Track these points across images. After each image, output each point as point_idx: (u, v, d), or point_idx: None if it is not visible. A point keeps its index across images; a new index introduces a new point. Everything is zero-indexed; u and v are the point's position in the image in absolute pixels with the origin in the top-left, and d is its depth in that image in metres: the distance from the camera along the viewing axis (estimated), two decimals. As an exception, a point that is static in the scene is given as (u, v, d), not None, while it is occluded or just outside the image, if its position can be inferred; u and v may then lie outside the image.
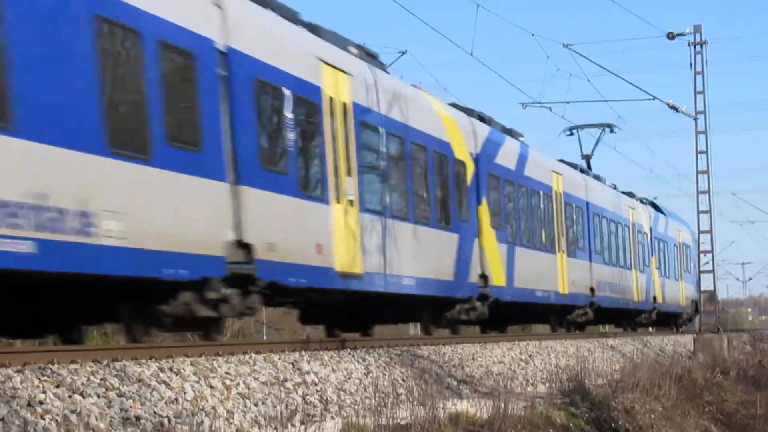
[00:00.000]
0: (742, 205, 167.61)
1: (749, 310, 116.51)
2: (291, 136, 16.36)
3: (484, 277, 24.21)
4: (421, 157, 21.44)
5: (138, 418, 10.19)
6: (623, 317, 39.47)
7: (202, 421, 10.82)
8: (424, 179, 21.59)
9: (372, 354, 16.47)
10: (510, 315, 28.82)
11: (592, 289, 32.61)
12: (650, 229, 41.27)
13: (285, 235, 15.94)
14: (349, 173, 18.08)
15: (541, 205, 28.71)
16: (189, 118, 13.90)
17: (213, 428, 10.82)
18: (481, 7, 56.16)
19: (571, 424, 16.10)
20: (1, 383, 9.48)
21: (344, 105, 18.17)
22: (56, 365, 10.54)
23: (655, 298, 41.11)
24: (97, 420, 9.72)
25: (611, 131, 40.23)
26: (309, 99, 16.95)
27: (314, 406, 13.07)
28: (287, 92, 16.24)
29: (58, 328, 15.33)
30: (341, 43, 19.22)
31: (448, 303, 22.90)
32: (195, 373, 11.85)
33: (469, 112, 25.24)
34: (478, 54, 58.61)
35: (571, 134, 39.90)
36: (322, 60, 17.54)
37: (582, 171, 35.54)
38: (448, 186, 22.68)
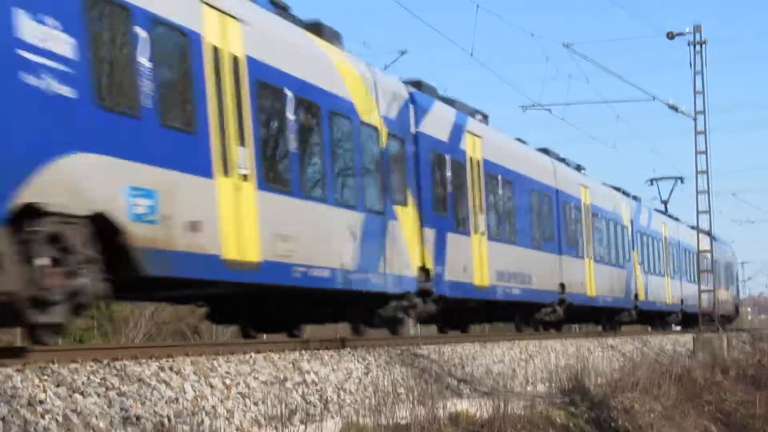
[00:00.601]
0: (742, 205, 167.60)
1: (749, 309, 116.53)
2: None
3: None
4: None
5: (138, 417, 10.19)
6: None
7: (202, 421, 10.84)
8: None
9: (372, 353, 16.47)
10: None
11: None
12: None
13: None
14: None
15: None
16: None
17: (213, 428, 10.83)
18: (481, 7, 56.13)
19: (570, 424, 16.11)
20: (1, 383, 9.49)
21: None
22: (56, 365, 10.54)
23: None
24: (97, 419, 9.73)
25: (682, 182, 47.40)
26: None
27: (314, 406, 13.08)
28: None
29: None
30: None
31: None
32: (195, 373, 11.86)
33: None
34: (478, 55, 58.68)
35: (651, 184, 47.86)
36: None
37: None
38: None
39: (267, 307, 18.77)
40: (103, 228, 11.97)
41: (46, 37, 11.16)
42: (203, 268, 13.87)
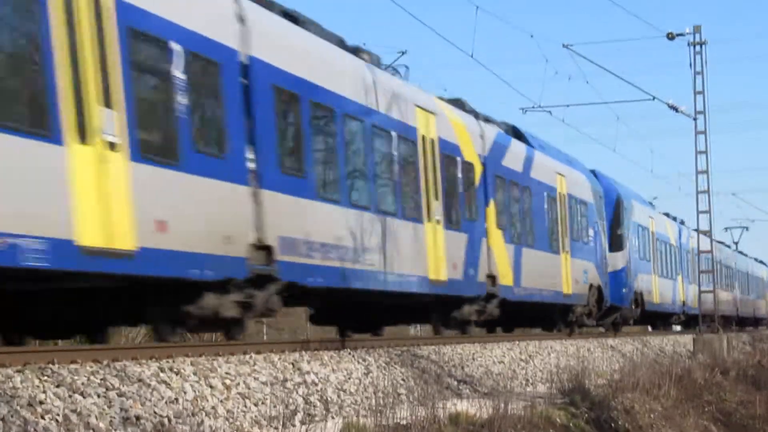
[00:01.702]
0: (742, 205, 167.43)
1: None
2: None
3: None
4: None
5: (138, 418, 10.19)
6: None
7: (202, 421, 10.83)
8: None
9: (372, 354, 16.47)
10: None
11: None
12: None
13: None
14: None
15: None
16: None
17: (213, 428, 10.83)
18: (481, 8, 56.10)
19: (571, 424, 16.10)
20: (1, 383, 9.49)
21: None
22: (56, 365, 10.54)
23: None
24: (97, 420, 9.72)
25: (747, 230, 44.99)
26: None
27: (314, 406, 13.08)
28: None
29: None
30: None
31: None
32: (195, 373, 11.86)
33: None
34: (478, 56, 58.70)
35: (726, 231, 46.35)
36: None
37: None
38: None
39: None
40: None
41: None
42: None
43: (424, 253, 20.88)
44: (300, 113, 16.85)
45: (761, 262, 69.34)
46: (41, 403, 9.45)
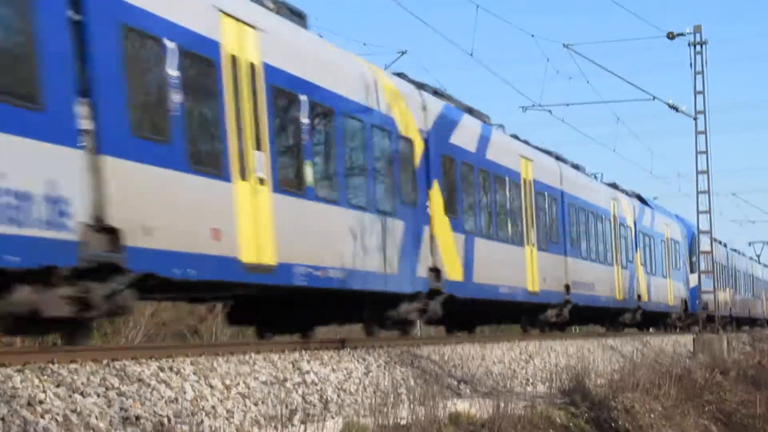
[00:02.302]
0: (742, 205, 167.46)
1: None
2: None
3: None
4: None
5: (138, 417, 10.19)
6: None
7: (202, 421, 10.83)
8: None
9: (372, 354, 16.47)
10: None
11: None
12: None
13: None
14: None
15: None
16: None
17: (213, 428, 10.83)
18: (481, 7, 56.07)
19: (571, 424, 16.10)
20: (1, 383, 9.49)
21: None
22: (56, 365, 10.54)
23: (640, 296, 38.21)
24: (97, 419, 9.72)
25: None
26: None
27: (314, 406, 13.08)
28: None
29: None
30: None
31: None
32: (195, 373, 11.86)
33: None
34: (478, 55, 58.59)
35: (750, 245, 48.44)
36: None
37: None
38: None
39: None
40: None
41: None
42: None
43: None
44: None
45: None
46: (41, 403, 9.45)
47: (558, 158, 31.80)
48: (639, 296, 37.77)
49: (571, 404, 16.96)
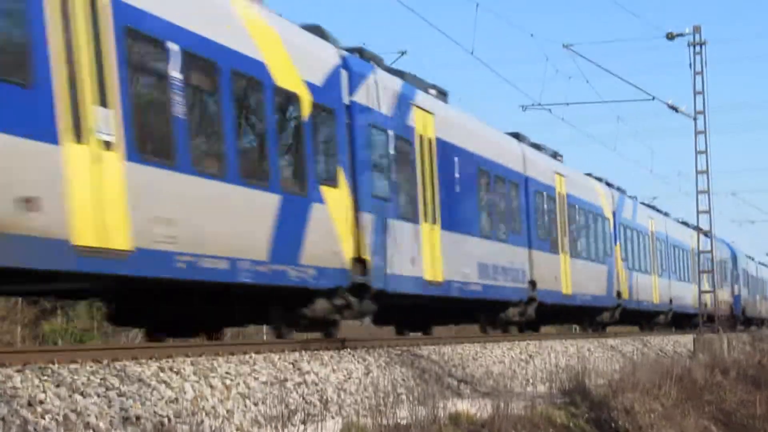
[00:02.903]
0: (742, 205, 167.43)
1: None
2: None
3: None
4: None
5: (138, 417, 10.19)
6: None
7: (202, 421, 10.83)
8: None
9: (372, 354, 16.47)
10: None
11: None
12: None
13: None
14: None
15: None
16: None
17: (213, 428, 10.83)
18: (481, 7, 56.05)
19: (571, 424, 16.10)
20: (1, 383, 9.49)
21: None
22: (56, 365, 10.54)
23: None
24: (97, 420, 9.72)
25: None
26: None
27: (314, 406, 13.08)
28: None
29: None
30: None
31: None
32: (195, 373, 11.86)
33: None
34: (478, 54, 58.46)
35: None
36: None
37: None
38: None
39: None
40: None
41: None
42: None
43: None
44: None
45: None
46: (41, 403, 9.45)
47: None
48: (705, 304, 37.20)
49: (571, 404, 16.96)
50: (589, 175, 35.70)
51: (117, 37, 12.62)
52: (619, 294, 35.29)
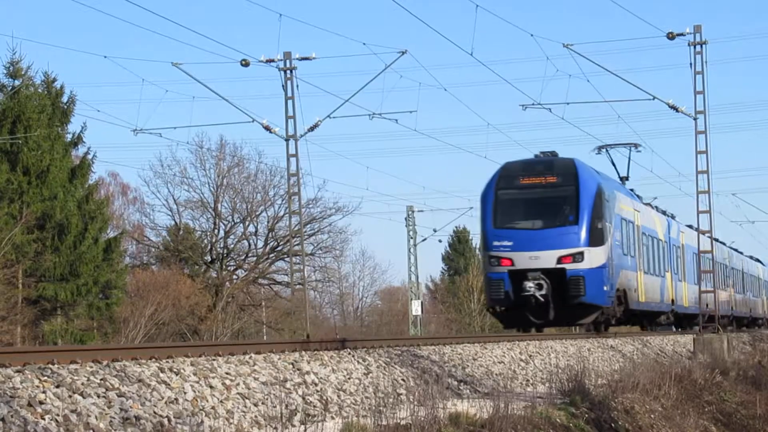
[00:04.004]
0: (742, 205, 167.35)
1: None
2: None
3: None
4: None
5: (138, 418, 10.19)
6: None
7: (202, 421, 10.83)
8: None
9: (372, 354, 16.46)
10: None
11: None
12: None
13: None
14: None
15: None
16: None
17: (213, 428, 10.83)
18: (481, 7, 56.05)
19: (571, 425, 16.08)
20: (1, 383, 9.48)
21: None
22: (56, 365, 10.54)
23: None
24: (97, 420, 9.72)
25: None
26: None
27: (314, 406, 13.07)
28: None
29: None
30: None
31: None
32: (195, 373, 11.85)
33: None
34: (478, 54, 58.55)
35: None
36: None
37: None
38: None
39: None
40: None
41: None
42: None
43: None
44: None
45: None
46: (41, 403, 9.45)
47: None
48: (751, 308, 56.33)
49: (571, 404, 16.94)
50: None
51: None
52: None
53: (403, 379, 15.80)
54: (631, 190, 34.88)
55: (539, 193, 26.90)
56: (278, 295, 58.00)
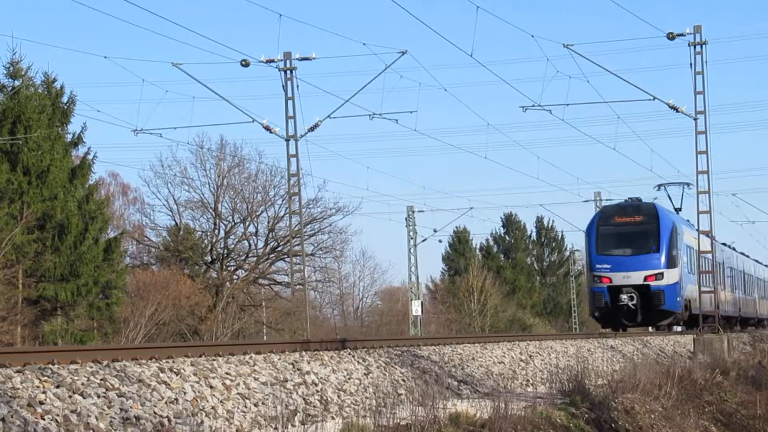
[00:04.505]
0: (742, 205, 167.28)
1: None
2: None
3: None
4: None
5: (138, 418, 10.19)
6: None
7: (202, 421, 10.83)
8: None
9: (372, 354, 16.46)
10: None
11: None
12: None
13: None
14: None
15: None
16: None
17: (213, 429, 10.83)
18: (481, 8, 56.06)
19: (571, 425, 16.09)
20: (2, 383, 9.49)
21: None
22: (56, 365, 10.54)
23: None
24: (97, 420, 9.72)
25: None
26: None
27: (314, 407, 13.08)
28: None
29: None
30: None
31: None
32: (195, 374, 11.85)
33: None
34: (478, 55, 58.56)
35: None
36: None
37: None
38: None
39: None
40: None
41: None
42: None
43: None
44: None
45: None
46: (41, 403, 9.45)
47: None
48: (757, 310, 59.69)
49: (571, 405, 16.94)
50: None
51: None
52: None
53: (403, 380, 15.80)
54: (687, 219, 41.44)
55: (630, 229, 36.28)
56: (278, 296, 57.98)
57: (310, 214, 55.83)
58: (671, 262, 36.44)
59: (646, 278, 35.60)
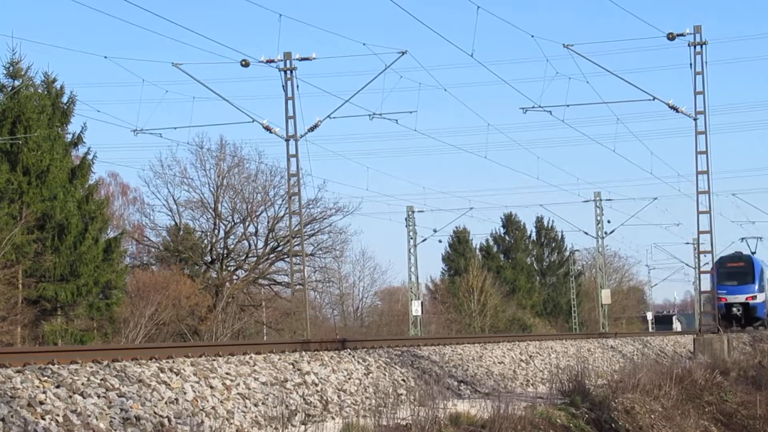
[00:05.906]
0: (742, 205, 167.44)
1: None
2: None
3: None
4: None
5: (138, 418, 10.19)
6: None
7: (202, 421, 10.83)
8: None
9: (372, 354, 16.46)
10: None
11: None
12: None
13: None
14: None
15: None
16: None
17: (213, 429, 10.82)
18: (481, 8, 56.08)
19: (571, 425, 16.09)
20: (2, 383, 9.48)
21: None
22: (56, 365, 10.54)
23: None
24: (97, 420, 9.72)
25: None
26: None
27: (314, 407, 13.07)
28: None
29: None
30: None
31: None
32: (195, 374, 11.85)
33: None
34: (479, 55, 58.57)
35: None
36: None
37: None
38: None
39: None
40: None
41: None
42: None
43: None
44: None
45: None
46: (41, 403, 9.45)
47: None
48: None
49: (571, 405, 16.94)
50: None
51: None
52: None
53: (403, 380, 15.80)
54: (763, 260, 57.44)
55: (736, 269, 53.30)
56: (278, 296, 57.97)
57: (310, 214, 55.84)
58: (760, 290, 55.68)
59: (746, 299, 54.54)
